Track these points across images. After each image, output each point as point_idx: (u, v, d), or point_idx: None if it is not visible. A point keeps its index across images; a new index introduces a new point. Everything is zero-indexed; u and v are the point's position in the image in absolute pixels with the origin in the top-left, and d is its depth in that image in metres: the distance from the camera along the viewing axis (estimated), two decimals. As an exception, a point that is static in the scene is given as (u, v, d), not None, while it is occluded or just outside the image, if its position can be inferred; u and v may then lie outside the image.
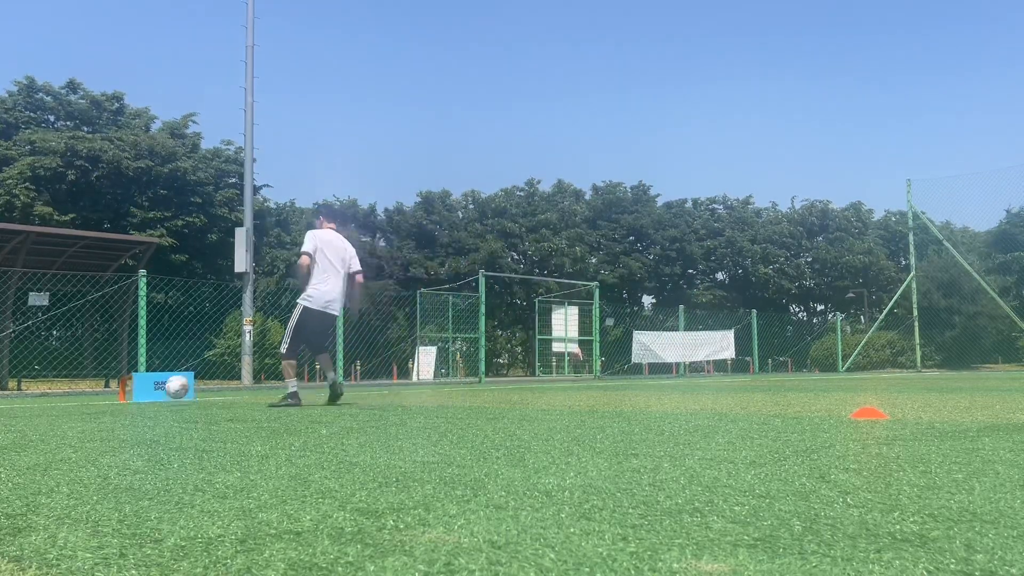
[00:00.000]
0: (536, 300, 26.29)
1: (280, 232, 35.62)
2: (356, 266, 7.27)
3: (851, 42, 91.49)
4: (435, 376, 22.10)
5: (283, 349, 7.15)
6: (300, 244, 7.35)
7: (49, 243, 15.80)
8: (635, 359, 24.15)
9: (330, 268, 6.97)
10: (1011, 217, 38.87)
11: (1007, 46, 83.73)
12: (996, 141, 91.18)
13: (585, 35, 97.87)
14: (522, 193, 41.59)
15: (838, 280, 42.30)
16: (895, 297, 29.87)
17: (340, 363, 16.90)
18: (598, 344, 22.53)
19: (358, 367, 22.94)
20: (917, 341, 28.17)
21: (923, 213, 28.16)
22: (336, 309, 7.10)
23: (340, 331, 16.81)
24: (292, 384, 6.88)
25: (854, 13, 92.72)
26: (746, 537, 1.50)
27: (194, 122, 32.35)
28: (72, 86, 31.81)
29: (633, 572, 1.28)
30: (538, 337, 25.32)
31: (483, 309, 19.51)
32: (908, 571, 1.26)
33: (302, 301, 6.95)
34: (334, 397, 6.90)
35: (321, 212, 7.83)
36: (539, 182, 42.16)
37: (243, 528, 1.64)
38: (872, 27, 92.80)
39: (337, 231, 7.26)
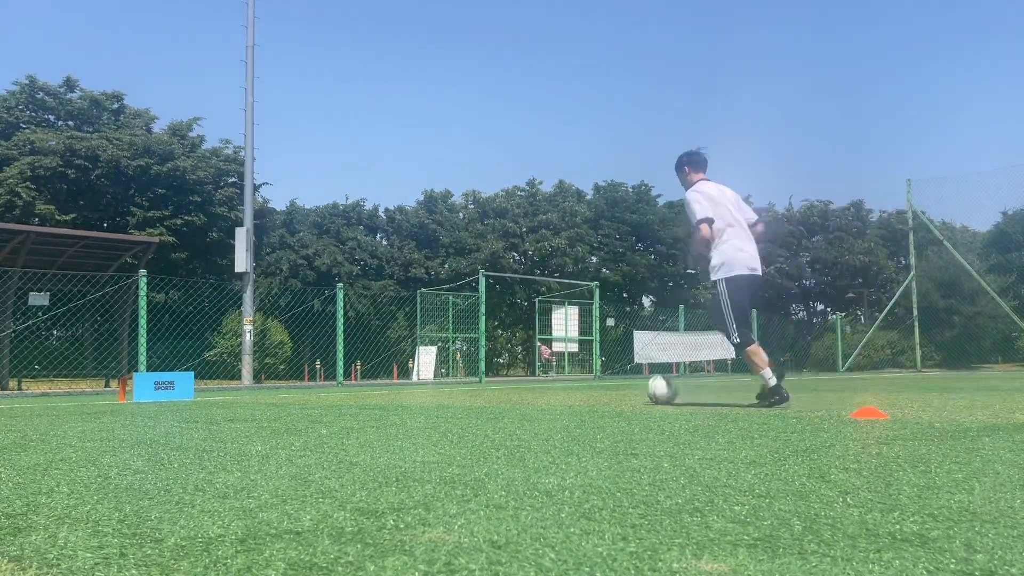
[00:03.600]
0: (536, 300, 26.30)
1: (284, 233, 35.63)
2: (752, 215, 5.78)
3: (851, 42, 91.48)
4: (435, 376, 22.11)
5: (734, 339, 5.52)
6: (687, 213, 5.62)
7: (49, 243, 15.81)
8: (636, 359, 24.18)
9: (736, 223, 5.58)
10: (1007, 218, 38.91)
11: (1007, 46, 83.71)
12: (996, 141, 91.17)
13: (586, 35, 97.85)
14: (523, 193, 41.60)
15: (838, 280, 42.31)
16: (895, 297, 29.87)
17: (340, 363, 16.83)
18: (598, 344, 22.53)
19: (358, 367, 22.95)
20: (917, 341, 28.16)
21: (923, 213, 28.16)
22: (760, 270, 5.63)
23: (340, 331, 16.80)
24: (768, 375, 5.42)
25: (853, 13, 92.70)
26: (746, 537, 1.50)
27: (199, 125, 32.42)
28: (70, 84, 31.80)
29: (633, 572, 1.28)
30: (538, 337, 25.33)
31: (483, 309, 19.50)
32: (908, 571, 1.26)
33: (720, 273, 5.53)
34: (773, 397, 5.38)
35: (688, 162, 5.87)
36: (540, 183, 42.20)
37: (243, 528, 1.64)
38: (872, 27, 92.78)
39: (706, 178, 5.78)
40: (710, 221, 5.49)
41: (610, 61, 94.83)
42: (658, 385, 6.04)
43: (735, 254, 5.52)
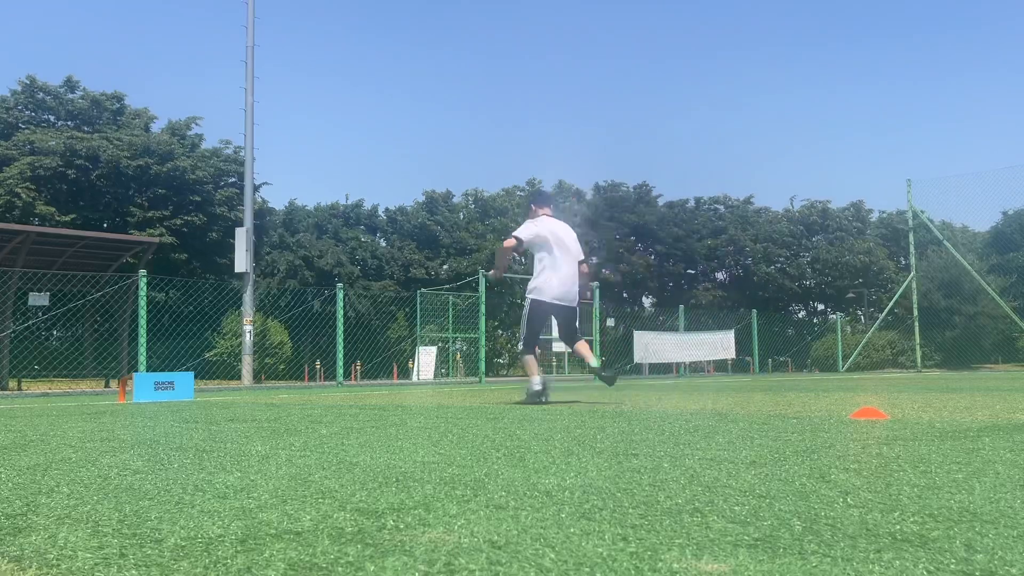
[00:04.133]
0: (536, 300, 26.27)
1: (284, 233, 35.64)
2: (581, 254, 6.76)
3: (851, 43, 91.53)
4: (435, 376, 22.11)
5: (518, 346, 6.74)
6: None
7: (49, 243, 15.81)
8: (636, 359, 24.18)
9: (562, 258, 6.53)
10: (1007, 218, 38.94)
11: (1007, 47, 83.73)
12: (996, 141, 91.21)
13: (586, 35, 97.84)
14: (523, 193, 41.63)
15: (838, 280, 42.32)
16: (895, 297, 29.88)
17: (340, 363, 16.82)
18: (598, 344, 22.53)
19: (359, 367, 22.95)
20: (917, 341, 28.16)
21: (923, 213, 28.17)
22: (572, 301, 6.62)
23: (340, 331, 16.79)
24: (535, 382, 6.44)
25: (854, 14, 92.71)
26: (746, 537, 1.49)
27: (197, 124, 32.41)
28: (70, 84, 31.80)
29: (633, 572, 1.28)
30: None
31: (483, 309, 19.50)
32: (908, 571, 1.26)
33: (530, 294, 6.59)
34: (608, 381, 6.64)
35: (533, 200, 7.03)
36: (540, 182, 42.24)
37: (243, 528, 1.64)
38: (872, 28, 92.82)
39: (553, 216, 6.79)
40: (519, 240, 6.53)
41: (613, 60, 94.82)
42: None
43: (546, 283, 6.50)
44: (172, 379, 8.86)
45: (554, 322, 7.00)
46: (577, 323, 6.76)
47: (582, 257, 6.75)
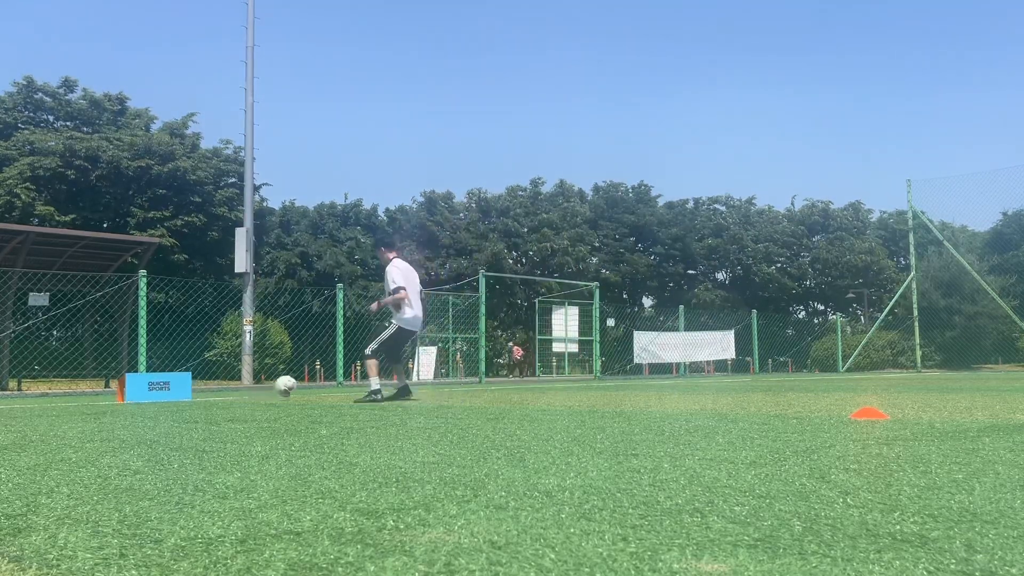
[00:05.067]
0: (537, 300, 26.31)
1: (281, 233, 35.59)
2: (419, 285, 8.30)
3: (852, 44, 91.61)
4: (435, 376, 22.11)
5: (368, 350, 7.85)
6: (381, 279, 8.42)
7: (49, 243, 15.80)
8: (636, 359, 24.18)
9: (415, 294, 8.00)
10: (1007, 218, 38.96)
11: (1006, 48, 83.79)
12: (996, 141, 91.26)
13: (588, 36, 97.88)
14: (524, 193, 41.62)
15: (838, 280, 42.31)
16: (895, 297, 29.86)
17: (340, 363, 16.95)
18: (598, 344, 22.53)
19: (358, 367, 22.94)
20: (917, 341, 28.15)
21: (923, 213, 28.16)
22: (419, 327, 8.22)
23: (340, 331, 16.85)
24: (375, 383, 7.59)
25: (855, 15, 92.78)
26: (746, 537, 1.49)
27: (194, 122, 32.34)
28: (68, 85, 31.75)
29: (633, 572, 1.28)
30: (538, 337, 25.34)
31: (483, 309, 19.50)
32: (908, 571, 1.26)
33: (397, 321, 7.84)
34: (403, 395, 7.78)
35: (383, 244, 8.70)
36: (543, 182, 42.24)
37: (243, 528, 1.64)
38: (873, 29, 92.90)
39: (400, 256, 8.26)
40: (404, 287, 7.82)
41: (614, 61, 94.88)
42: (283, 382, 8.62)
43: (413, 316, 7.89)
44: (167, 379, 8.79)
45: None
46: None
47: (421, 288, 8.39)
